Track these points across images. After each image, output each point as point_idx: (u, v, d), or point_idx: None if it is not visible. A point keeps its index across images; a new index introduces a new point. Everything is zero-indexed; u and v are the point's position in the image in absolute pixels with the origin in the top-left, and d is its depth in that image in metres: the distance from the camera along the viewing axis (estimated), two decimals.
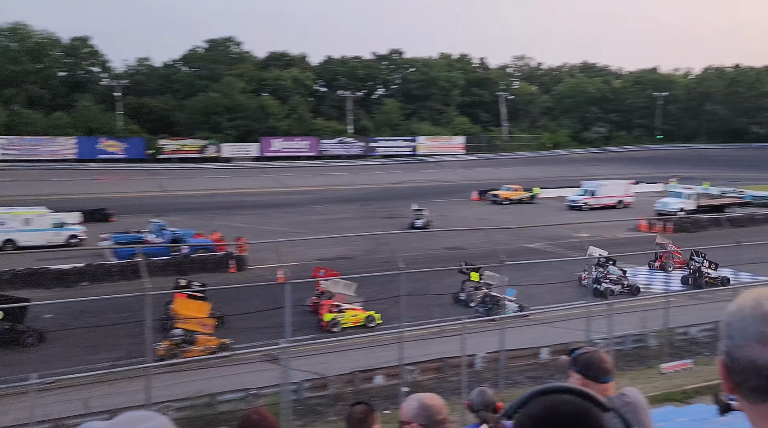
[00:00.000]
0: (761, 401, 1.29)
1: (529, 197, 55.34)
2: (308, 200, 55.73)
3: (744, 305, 1.33)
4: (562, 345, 17.61)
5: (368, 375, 14.98)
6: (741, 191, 54.95)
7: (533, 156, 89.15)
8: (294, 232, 36.82)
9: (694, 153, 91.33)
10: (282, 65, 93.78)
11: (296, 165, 77.90)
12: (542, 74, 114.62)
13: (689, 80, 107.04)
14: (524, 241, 32.98)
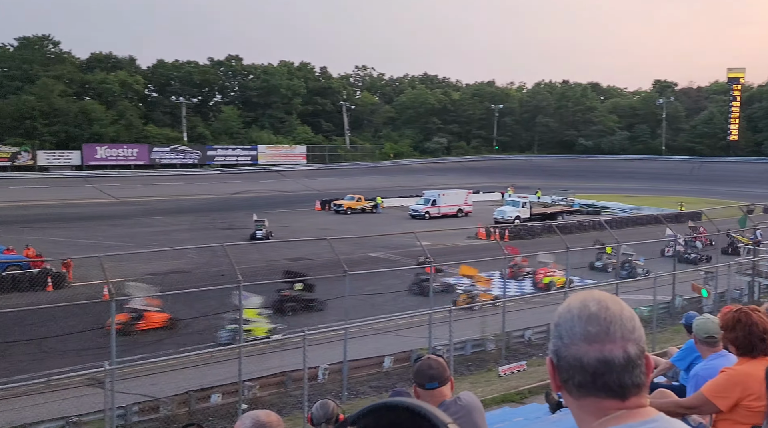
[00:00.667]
0: (585, 396, 1.39)
1: (372, 206, 56.48)
2: (137, 211, 53.00)
3: (572, 307, 1.43)
4: (405, 353, 18.08)
5: (204, 394, 14.44)
6: (571, 200, 59.70)
7: (375, 166, 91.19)
8: (121, 246, 34.86)
9: (528, 163, 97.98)
10: (108, 68, 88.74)
11: (125, 174, 73.91)
12: (384, 85, 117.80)
13: (523, 94, 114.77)
14: (367, 250, 33.53)
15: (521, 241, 38.61)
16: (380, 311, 22.33)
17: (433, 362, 3.72)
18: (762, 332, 3.85)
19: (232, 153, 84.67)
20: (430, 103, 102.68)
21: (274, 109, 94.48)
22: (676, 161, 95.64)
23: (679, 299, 23.69)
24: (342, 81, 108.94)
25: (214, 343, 18.04)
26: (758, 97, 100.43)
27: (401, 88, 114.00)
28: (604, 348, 1.36)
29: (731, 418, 3.88)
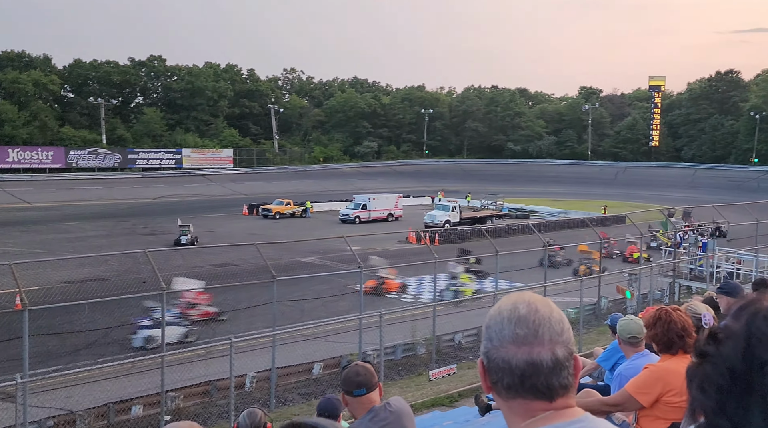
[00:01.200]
0: (513, 397, 1.41)
1: (302, 211, 56.16)
2: (52, 217, 51.00)
3: (502, 309, 1.45)
4: (334, 359, 18.00)
5: (125, 406, 13.98)
6: (500, 204, 60.92)
7: (305, 170, 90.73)
8: (34, 253, 33.45)
9: (458, 168, 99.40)
10: (20, 66, 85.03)
11: (39, 178, 71.04)
12: (314, 88, 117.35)
13: (453, 99, 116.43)
14: (296, 255, 33.28)
15: (451, 245, 39.10)
16: (309, 317, 22.21)
17: (361, 368, 3.76)
18: (680, 329, 4.00)
19: (155, 156, 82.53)
20: (360, 107, 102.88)
21: (199, 111, 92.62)
22: (601, 166, 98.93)
23: (604, 300, 24.46)
24: (270, 84, 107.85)
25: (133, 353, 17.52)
26: (678, 105, 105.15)
27: (331, 91, 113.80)
28: (533, 351, 1.38)
29: (652, 414, 4.01)
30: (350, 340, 18.44)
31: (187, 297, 21.52)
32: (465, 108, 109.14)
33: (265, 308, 19.55)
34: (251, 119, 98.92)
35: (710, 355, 0.98)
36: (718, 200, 48.59)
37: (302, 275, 25.45)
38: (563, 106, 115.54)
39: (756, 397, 0.87)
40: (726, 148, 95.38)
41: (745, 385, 0.89)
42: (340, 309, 24.38)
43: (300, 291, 24.91)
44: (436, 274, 22.13)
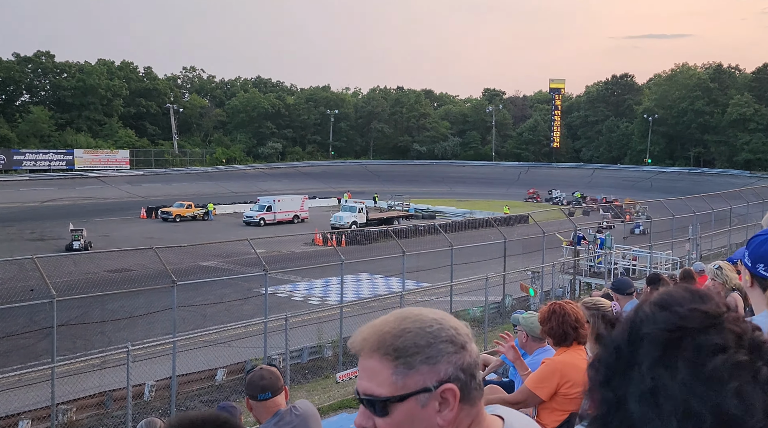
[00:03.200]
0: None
1: (203, 213, 54.98)
2: None
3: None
4: (238, 364, 17.70)
5: (11, 421, 13.24)
6: (407, 204, 61.65)
7: (206, 171, 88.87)
8: None
9: (363, 169, 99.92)
10: None
11: None
12: (215, 87, 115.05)
13: (358, 99, 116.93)
14: (198, 259, 32.52)
15: (358, 246, 39.25)
16: (212, 322, 21.76)
17: (266, 372, 3.74)
18: (574, 321, 4.16)
19: (44, 158, 78.56)
20: (263, 107, 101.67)
21: (91, 110, 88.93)
22: (504, 167, 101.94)
23: (509, 298, 25.17)
24: (169, 82, 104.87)
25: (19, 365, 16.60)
26: (576, 107, 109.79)
27: (233, 91, 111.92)
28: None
29: (550, 406, 4.15)
30: (255, 344, 18.21)
31: None
32: (370, 109, 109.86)
33: (164, 314, 19.02)
34: (148, 118, 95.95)
35: (603, 337, 1.04)
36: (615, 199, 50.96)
37: (204, 279, 24.90)
38: (468, 107, 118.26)
39: (636, 371, 0.93)
40: (621, 149, 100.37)
41: (628, 360, 0.94)
42: (245, 313, 24.01)
43: (202, 296, 24.43)
44: (342, 276, 22.12)
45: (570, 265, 28.82)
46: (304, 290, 28.78)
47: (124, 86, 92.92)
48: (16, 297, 20.69)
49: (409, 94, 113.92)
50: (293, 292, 28.35)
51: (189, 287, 21.41)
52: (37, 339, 18.31)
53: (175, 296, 16.07)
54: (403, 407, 1.28)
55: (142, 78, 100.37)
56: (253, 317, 22.71)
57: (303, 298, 27.63)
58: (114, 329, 21.64)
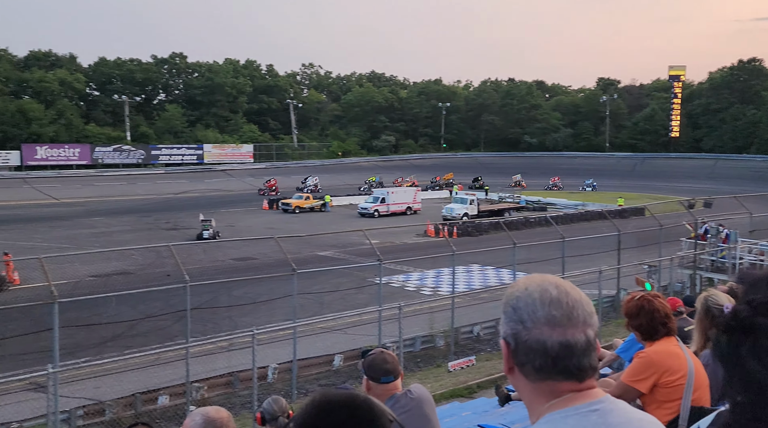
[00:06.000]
0: (543, 379, 1.42)
1: (321, 205, 56.28)
2: (78, 212, 51.65)
3: (531, 291, 1.44)
4: (354, 351, 18.08)
5: (151, 396, 14.20)
6: (518, 196, 60.64)
7: (323, 164, 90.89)
8: (61, 247, 33.91)
9: (474, 161, 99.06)
10: (46, 66, 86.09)
11: (65, 175, 71.89)
12: (331, 83, 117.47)
13: (469, 92, 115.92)
14: (315, 249, 33.39)
15: (469, 238, 39.05)
16: (329, 310, 22.29)
17: (388, 356, 3.71)
18: (663, 317, 4.02)
19: (177, 152, 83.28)
20: (377, 101, 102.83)
21: (219, 107, 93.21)
22: (618, 158, 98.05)
23: (623, 292, 24.29)
24: (289, 79, 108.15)
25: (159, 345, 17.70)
26: (698, 95, 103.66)
27: (348, 86, 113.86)
28: (567, 332, 1.40)
29: (656, 399, 4.03)
30: (369, 332, 18.51)
31: None
32: (481, 101, 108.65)
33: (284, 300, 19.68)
34: (270, 114, 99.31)
35: (761, 326, 1.07)
36: (739, 190, 47.99)
37: (321, 268, 25.56)
38: (580, 98, 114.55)
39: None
40: (747, 138, 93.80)
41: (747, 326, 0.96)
42: (359, 302, 24.44)
43: (319, 284, 25.02)
44: (454, 267, 22.10)
45: (690, 259, 27.42)
46: (417, 280, 28.96)
47: (248, 84, 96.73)
48: (154, 282, 22.11)
49: (520, 85, 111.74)
50: (406, 282, 28.57)
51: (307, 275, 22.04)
52: (172, 321, 19.42)
53: (296, 284, 16.60)
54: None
55: (265, 75, 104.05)
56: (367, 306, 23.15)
57: (415, 288, 27.78)
58: (239, 314, 22.64)
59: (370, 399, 1.44)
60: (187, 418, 3.15)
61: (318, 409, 1.36)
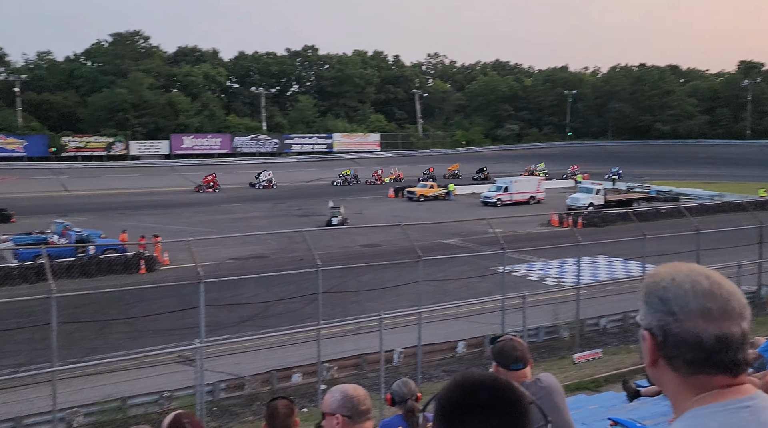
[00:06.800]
0: (695, 373, 1.36)
1: (445, 193, 56.25)
2: (219, 198, 54.63)
3: (680, 281, 1.37)
4: (477, 339, 18.03)
5: (285, 374, 14.85)
6: (647, 186, 57.76)
7: (447, 153, 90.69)
8: (204, 231, 35.99)
9: (601, 150, 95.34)
10: (192, 61, 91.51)
11: (208, 163, 76.19)
12: (456, 72, 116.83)
13: (597, 79, 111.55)
14: (439, 237, 33.46)
15: (594, 228, 37.73)
16: (452, 297, 22.29)
17: (517, 343, 3.65)
18: None
19: (309, 142, 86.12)
20: (501, 89, 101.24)
21: (347, 98, 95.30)
22: (761, 146, 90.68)
23: (765, 288, 22.65)
24: (414, 69, 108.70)
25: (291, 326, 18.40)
26: None
27: (473, 75, 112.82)
28: (723, 325, 1.33)
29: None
30: (492, 321, 18.33)
31: None
32: (609, 88, 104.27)
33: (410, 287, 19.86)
34: (396, 104, 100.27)
35: None
36: None
37: (445, 255, 25.58)
38: (719, 82, 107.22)
39: None
40: None
41: None
42: (482, 290, 24.26)
43: (442, 272, 25.01)
44: (579, 257, 21.45)
45: None
46: (540, 270, 28.36)
47: (375, 74, 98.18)
48: (288, 266, 23.00)
49: (651, 71, 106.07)
50: (529, 272, 28.07)
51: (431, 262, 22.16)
52: (303, 303, 20.11)
53: (421, 270, 16.74)
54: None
55: (391, 66, 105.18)
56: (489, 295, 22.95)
57: (539, 278, 27.24)
58: (366, 298, 23.08)
59: (512, 381, 1.44)
60: (326, 394, 3.29)
61: (461, 389, 1.37)
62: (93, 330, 18.07)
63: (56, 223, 32.51)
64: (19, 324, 16.36)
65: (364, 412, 3.21)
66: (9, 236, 31.74)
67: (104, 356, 14.95)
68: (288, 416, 3.96)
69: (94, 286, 22.77)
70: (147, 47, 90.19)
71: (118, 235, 31.46)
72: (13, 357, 16.14)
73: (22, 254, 27.24)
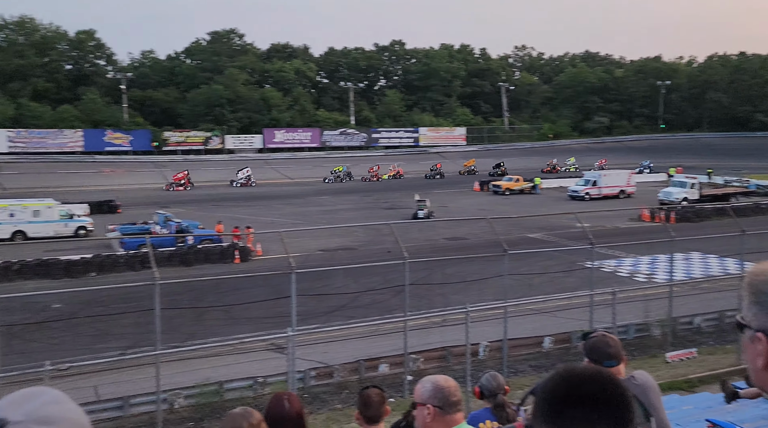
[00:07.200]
0: None
1: (531, 187, 55.21)
2: (308, 191, 55.69)
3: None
4: (564, 334, 17.61)
5: (373, 364, 14.99)
6: (746, 180, 54.66)
7: (533, 146, 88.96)
8: (295, 223, 36.79)
9: (696, 142, 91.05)
10: (284, 57, 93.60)
11: (298, 156, 77.86)
12: (543, 64, 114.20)
13: (692, 69, 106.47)
14: (525, 231, 32.90)
15: (688, 223, 36.12)
16: (537, 292, 21.86)
17: (610, 339, 3.54)
18: None
19: (395, 135, 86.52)
20: (590, 81, 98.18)
21: (434, 91, 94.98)
22: None
23: None
24: (501, 62, 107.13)
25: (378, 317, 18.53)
26: None
27: (561, 67, 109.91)
28: None
29: None
30: (579, 317, 17.88)
31: None
32: (706, 78, 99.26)
33: (494, 280, 19.58)
34: (482, 97, 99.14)
35: None
36: None
37: (531, 249, 25.12)
38: None
39: None
40: None
41: None
42: (569, 286, 23.68)
43: (528, 266, 24.61)
44: (672, 253, 20.57)
45: None
46: (630, 266, 27.37)
47: (462, 68, 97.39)
48: (374, 257, 23.20)
49: (752, 59, 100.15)
50: (618, 267, 27.15)
51: (517, 256, 21.79)
52: (389, 294, 20.24)
53: (507, 264, 16.48)
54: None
55: (478, 59, 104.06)
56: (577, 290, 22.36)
57: (628, 274, 26.30)
58: (451, 291, 23.00)
59: (615, 375, 1.38)
60: (418, 384, 3.29)
61: (567, 382, 1.33)
62: (191, 316, 18.84)
63: (158, 214, 34.02)
64: (126, 309, 17.26)
65: (455, 403, 3.20)
66: (116, 226, 33.54)
67: (202, 341, 15.53)
68: (381, 404, 4.01)
69: (193, 274, 23.76)
70: (242, 45, 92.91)
71: (214, 226, 32.58)
72: (120, 339, 17.07)
73: (128, 243, 28.71)
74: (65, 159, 67.84)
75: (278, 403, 3.47)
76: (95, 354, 15.12)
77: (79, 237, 33.22)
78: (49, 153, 68.92)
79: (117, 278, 23.77)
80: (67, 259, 26.11)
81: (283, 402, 3.47)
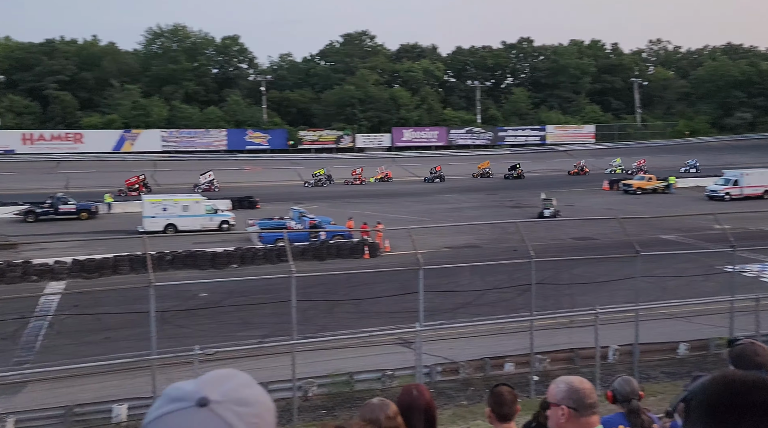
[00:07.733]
0: None
1: (664, 186, 52.22)
2: (435, 189, 55.83)
3: None
4: (701, 341, 16.58)
5: (498, 362, 14.82)
6: None
7: (666, 144, 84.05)
8: (421, 220, 37.01)
9: None
10: (413, 57, 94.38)
11: (425, 155, 78.24)
12: (680, 58, 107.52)
13: None
14: (657, 232, 31.24)
15: None
16: (672, 296, 20.70)
17: (759, 348, 3.31)
18: None
19: (522, 134, 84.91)
20: (732, 75, 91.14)
21: (562, 89, 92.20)
22: None
23: None
24: (634, 57, 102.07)
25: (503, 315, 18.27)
26: None
27: (699, 60, 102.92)
28: None
29: None
30: (718, 323, 16.76)
31: None
32: None
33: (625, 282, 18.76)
34: (613, 93, 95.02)
35: None
36: None
37: (665, 251, 23.83)
38: None
39: None
40: None
41: None
42: (706, 290, 22.23)
43: (661, 269, 23.32)
44: None
45: None
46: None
47: (591, 64, 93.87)
48: (500, 255, 22.90)
49: None
50: (762, 272, 25.17)
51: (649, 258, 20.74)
52: (515, 293, 19.92)
53: (639, 266, 15.75)
54: None
55: (609, 54, 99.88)
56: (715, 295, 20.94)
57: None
58: (579, 292, 22.25)
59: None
60: (551, 384, 3.23)
61: (731, 390, 1.25)
62: (323, 308, 19.47)
63: (293, 209, 35.39)
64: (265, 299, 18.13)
65: (590, 405, 3.11)
66: (255, 221, 35.26)
67: (333, 333, 16.01)
68: (513, 402, 4.00)
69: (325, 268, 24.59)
70: (373, 46, 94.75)
71: (345, 222, 33.43)
72: (259, 328, 17.95)
73: (266, 238, 30.10)
74: (210, 157, 72.31)
75: (408, 394, 3.56)
76: (237, 341, 16.02)
77: (222, 231, 35.16)
78: (196, 151, 73.75)
79: (257, 270, 24.99)
80: (212, 251, 27.73)
81: (413, 393, 3.55)
